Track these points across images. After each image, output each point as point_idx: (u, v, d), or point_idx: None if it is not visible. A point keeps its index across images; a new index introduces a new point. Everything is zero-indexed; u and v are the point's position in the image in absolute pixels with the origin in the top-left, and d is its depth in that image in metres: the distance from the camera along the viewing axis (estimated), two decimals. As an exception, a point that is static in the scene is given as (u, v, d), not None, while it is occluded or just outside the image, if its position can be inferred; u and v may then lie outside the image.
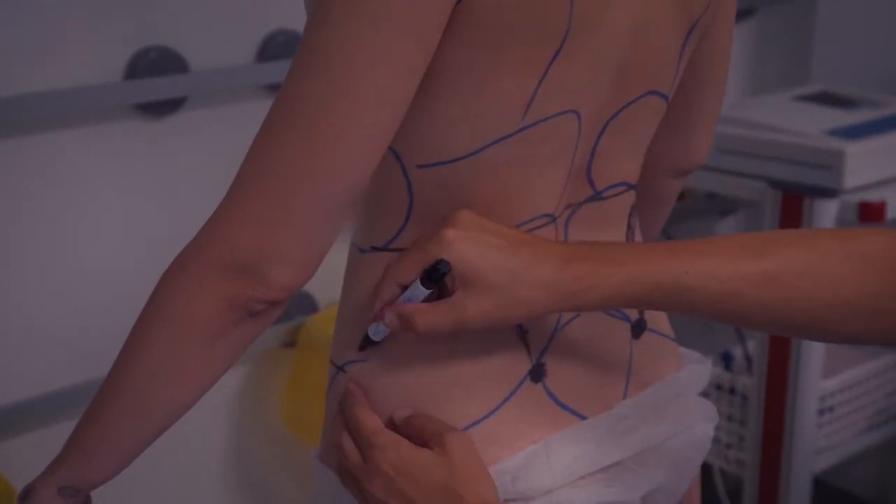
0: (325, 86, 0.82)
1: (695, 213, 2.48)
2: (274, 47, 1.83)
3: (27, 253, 1.67)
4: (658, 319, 1.06)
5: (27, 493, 0.96)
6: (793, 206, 1.91)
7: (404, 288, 0.90)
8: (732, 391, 2.09)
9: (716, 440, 2.11)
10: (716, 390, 2.11)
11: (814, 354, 1.94)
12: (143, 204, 1.77)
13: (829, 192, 1.89)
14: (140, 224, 1.77)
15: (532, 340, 0.96)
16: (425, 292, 0.88)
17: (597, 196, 1.00)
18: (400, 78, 0.83)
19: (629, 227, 1.05)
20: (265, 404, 1.97)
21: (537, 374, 0.96)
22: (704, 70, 1.07)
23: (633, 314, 1.04)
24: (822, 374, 1.97)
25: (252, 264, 0.83)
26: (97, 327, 1.75)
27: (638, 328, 1.04)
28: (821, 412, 2.01)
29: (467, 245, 0.87)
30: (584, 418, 0.98)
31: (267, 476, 2.03)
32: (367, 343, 0.94)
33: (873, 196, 1.88)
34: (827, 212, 1.88)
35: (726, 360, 2.14)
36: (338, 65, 0.82)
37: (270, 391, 1.96)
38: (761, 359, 2.00)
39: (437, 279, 0.87)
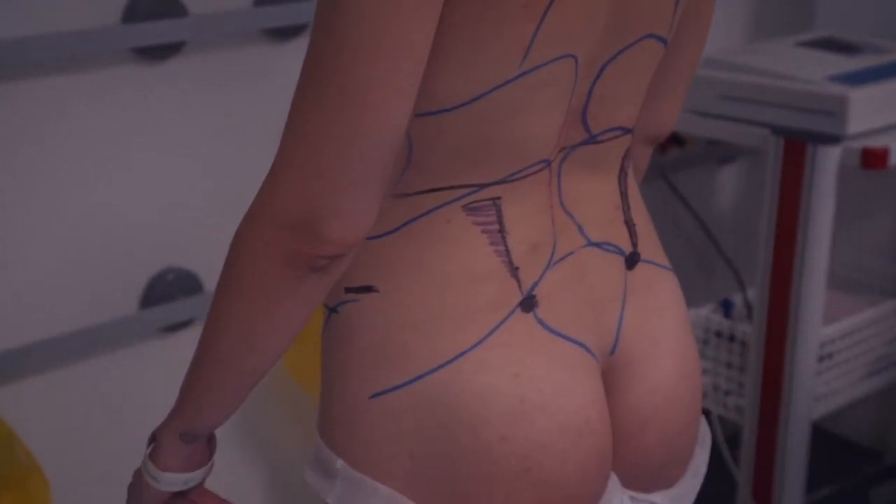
0: (349, 37, 0.83)
1: (696, 160, 2.47)
2: (273, -9, 1.82)
3: (22, 201, 1.67)
4: (652, 251, 1.08)
5: (152, 440, 1.04)
6: (795, 152, 1.90)
7: None
8: (732, 338, 2.10)
9: (715, 387, 2.12)
10: (715, 337, 2.11)
11: (814, 301, 1.94)
12: (141, 149, 1.76)
13: (831, 139, 1.88)
14: (138, 169, 1.76)
15: (524, 276, 0.97)
16: None
17: (591, 140, 1.00)
18: (419, 24, 0.84)
19: (622, 169, 1.05)
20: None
21: (528, 304, 0.97)
22: (689, 25, 1.06)
23: (627, 247, 1.05)
24: (822, 321, 1.97)
25: (306, 221, 0.86)
26: (97, 272, 1.75)
27: (631, 260, 1.05)
28: (820, 359, 2.01)
29: None
30: (578, 343, 0.99)
31: (265, 420, 2.04)
32: None
33: (876, 142, 1.87)
34: (829, 158, 1.87)
35: (726, 307, 2.15)
36: (359, 17, 0.83)
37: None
38: (761, 306, 2.00)
39: None
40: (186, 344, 1.90)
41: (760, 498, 2.07)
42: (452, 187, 0.95)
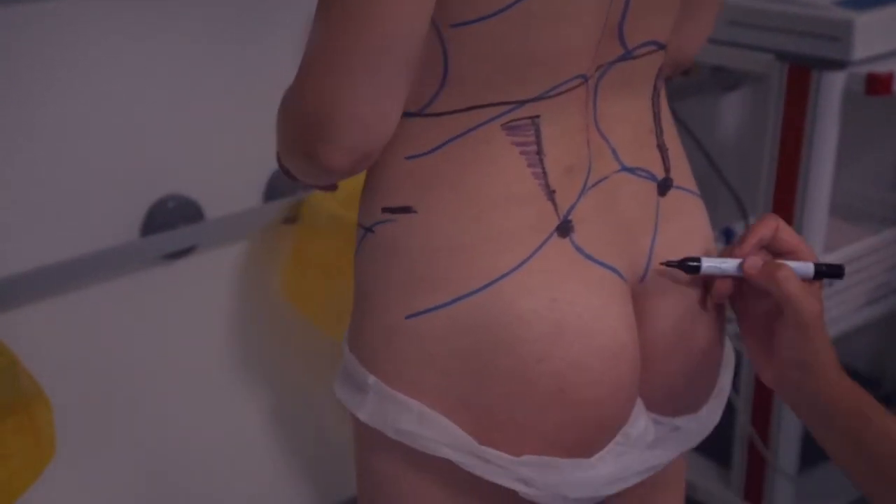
0: None
1: (700, 87, 2.45)
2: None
3: (23, 127, 1.66)
4: (683, 176, 1.08)
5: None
6: (799, 78, 1.88)
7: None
8: (733, 266, 2.09)
9: (715, 315, 2.12)
10: (717, 265, 2.11)
11: (815, 229, 1.94)
12: (142, 76, 1.75)
13: (836, 64, 1.86)
14: (139, 96, 1.75)
15: (560, 200, 0.97)
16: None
17: (627, 56, 1.00)
18: None
19: (654, 89, 1.04)
20: (267, 280, 1.98)
21: (564, 229, 0.97)
22: None
23: (660, 173, 1.05)
24: (822, 249, 1.97)
25: (319, 123, 0.88)
26: (98, 200, 1.75)
27: (664, 186, 1.05)
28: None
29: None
30: (612, 269, 1.00)
31: (268, 350, 2.04)
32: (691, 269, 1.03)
33: (881, 68, 1.86)
34: (834, 84, 1.85)
35: (727, 235, 2.14)
36: None
37: (272, 267, 1.96)
38: (763, 234, 1.99)
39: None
40: (187, 271, 1.91)
41: (759, 425, 2.09)
42: (491, 104, 0.94)
